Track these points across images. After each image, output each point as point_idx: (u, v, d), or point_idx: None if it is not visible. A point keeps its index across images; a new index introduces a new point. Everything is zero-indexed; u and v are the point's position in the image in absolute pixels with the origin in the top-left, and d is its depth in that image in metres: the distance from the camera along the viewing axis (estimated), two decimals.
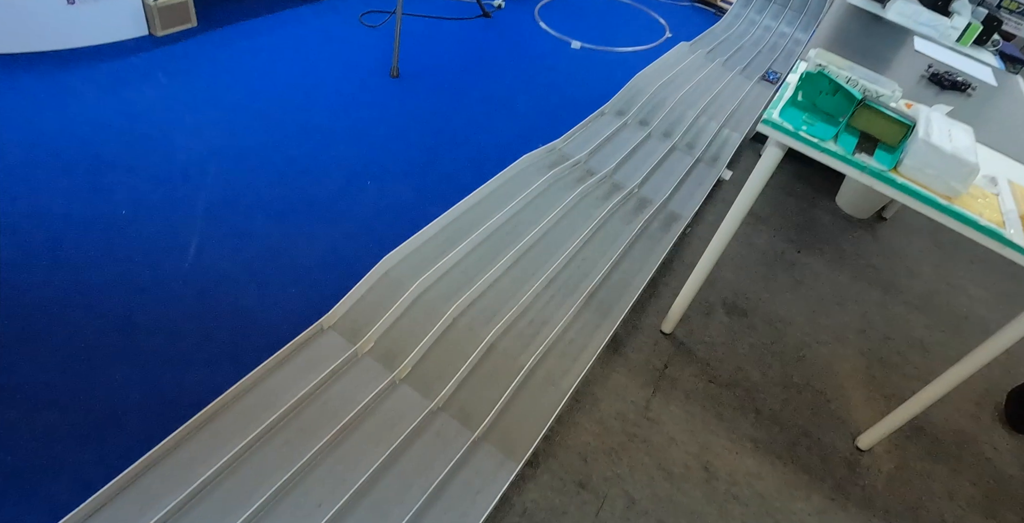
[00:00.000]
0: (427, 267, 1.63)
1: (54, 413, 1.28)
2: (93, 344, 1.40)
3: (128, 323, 1.46)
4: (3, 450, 1.22)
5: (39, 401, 1.30)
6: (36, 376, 1.33)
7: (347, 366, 1.42)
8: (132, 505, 1.16)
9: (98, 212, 1.70)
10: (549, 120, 2.57)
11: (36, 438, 1.24)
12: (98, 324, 1.44)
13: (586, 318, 1.68)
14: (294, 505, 1.21)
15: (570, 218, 1.96)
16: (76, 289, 1.50)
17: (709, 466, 1.57)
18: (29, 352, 1.37)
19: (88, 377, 1.35)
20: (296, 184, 1.94)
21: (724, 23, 3.82)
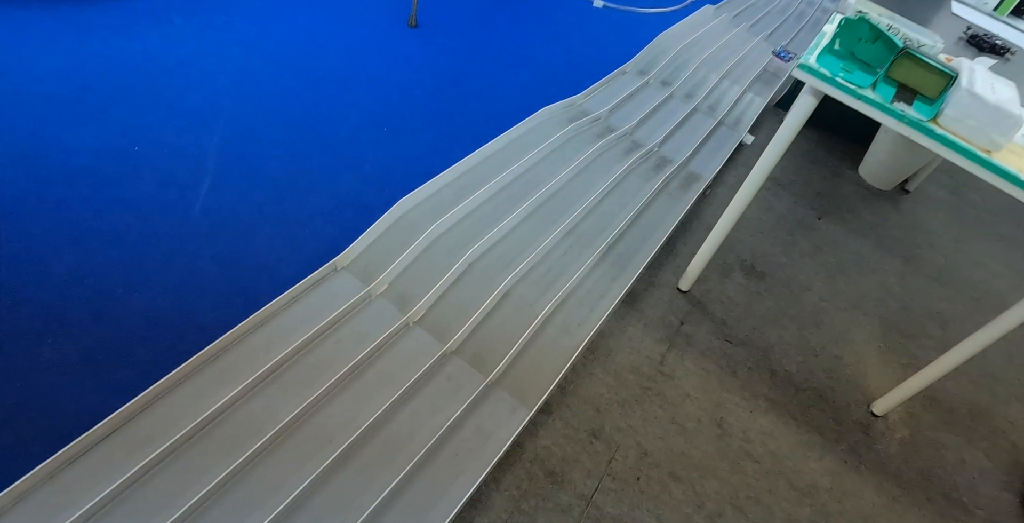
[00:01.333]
0: (443, 212, 1.58)
1: (63, 342, 1.26)
2: (103, 275, 1.37)
3: (139, 256, 1.42)
4: (8, 379, 1.20)
5: (46, 330, 1.27)
6: (45, 304, 1.31)
7: (360, 307, 1.39)
8: (141, 434, 1.14)
9: (111, 147, 1.65)
10: (569, 76, 2.49)
11: (42, 367, 1.22)
12: (108, 256, 1.41)
13: (603, 270, 1.64)
14: (305, 440, 1.19)
15: (589, 172, 1.90)
16: (88, 223, 1.46)
17: (723, 423, 1.55)
18: (37, 281, 1.34)
19: (98, 307, 1.32)
20: (310, 128, 1.89)
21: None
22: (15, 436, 1.12)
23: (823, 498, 1.50)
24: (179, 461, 1.12)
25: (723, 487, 1.42)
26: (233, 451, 1.14)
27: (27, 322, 1.27)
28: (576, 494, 1.30)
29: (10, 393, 1.17)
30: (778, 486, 1.48)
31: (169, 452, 1.11)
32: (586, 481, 1.33)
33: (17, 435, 1.12)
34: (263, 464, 1.15)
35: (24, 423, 1.14)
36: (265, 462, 1.15)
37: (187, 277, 1.41)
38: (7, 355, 1.22)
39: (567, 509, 1.27)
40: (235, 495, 1.10)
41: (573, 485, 1.31)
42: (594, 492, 1.31)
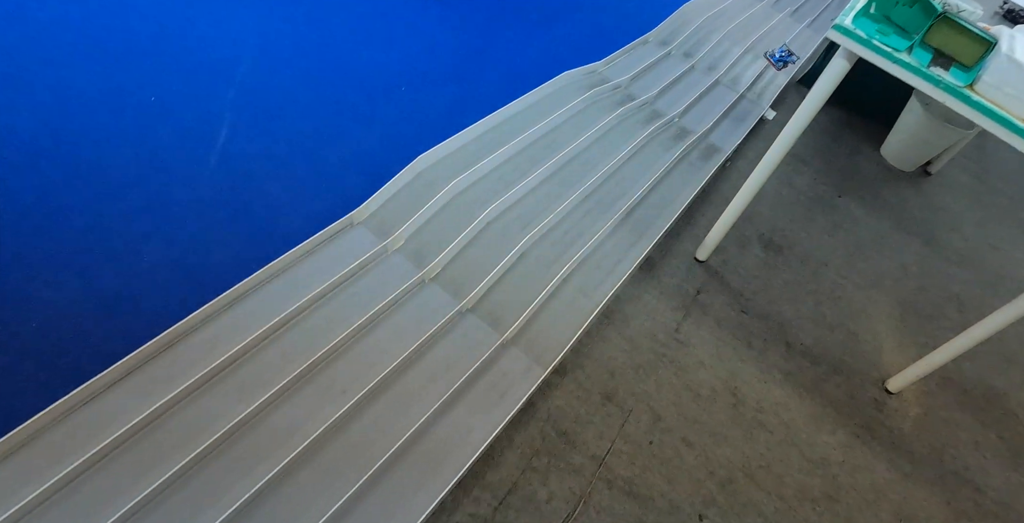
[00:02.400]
0: (462, 171, 1.55)
1: (78, 284, 1.25)
2: (120, 220, 1.35)
3: (154, 205, 1.40)
4: (24, 320, 1.19)
5: (63, 273, 1.26)
6: (62, 247, 1.29)
7: (376, 261, 1.37)
8: (158, 376, 1.13)
9: (127, 96, 1.62)
10: (590, 43, 2.43)
11: (58, 308, 1.21)
12: (125, 203, 1.39)
13: (621, 235, 1.62)
14: (318, 390, 1.18)
15: (609, 138, 1.86)
16: (104, 170, 1.44)
17: (737, 392, 1.53)
18: (54, 223, 1.32)
19: (113, 253, 1.30)
20: (328, 84, 1.85)
21: None
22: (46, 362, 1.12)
23: (834, 470, 1.49)
24: (198, 402, 1.11)
25: (735, 455, 1.41)
26: (246, 398, 1.13)
27: (40, 265, 1.25)
28: (588, 455, 1.29)
29: (22, 331, 1.17)
30: (790, 456, 1.47)
31: (185, 395, 1.10)
32: (599, 443, 1.32)
33: (43, 368, 1.12)
34: (278, 411, 1.14)
35: (37, 358, 1.14)
36: (281, 409, 1.14)
37: (202, 227, 1.38)
38: (19, 296, 1.21)
39: (579, 469, 1.27)
40: (258, 430, 1.10)
41: (586, 446, 1.30)
42: (606, 454, 1.30)
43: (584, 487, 1.24)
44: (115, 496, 0.98)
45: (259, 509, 1.03)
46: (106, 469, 1.01)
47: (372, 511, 1.07)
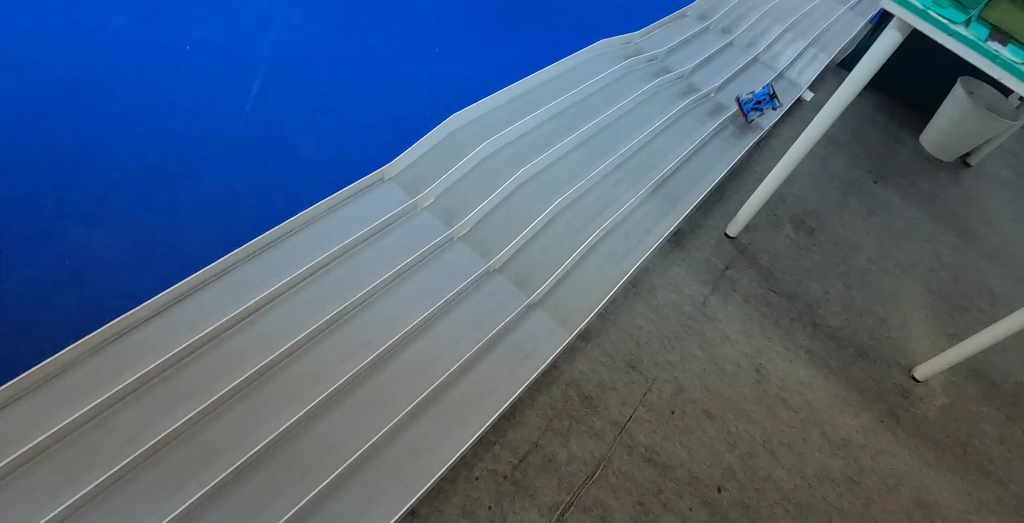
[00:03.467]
0: (494, 132, 1.52)
1: (111, 224, 1.25)
2: (155, 163, 1.35)
3: (187, 150, 1.39)
4: (60, 256, 1.20)
5: (98, 212, 1.26)
6: (97, 186, 1.29)
7: (405, 218, 1.35)
8: (187, 318, 1.13)
9: (162, 45, 1.61)
10: (628, 13, 2.36)
11: (91, 246, 1.21)
12: (160, 147, 1.38)
13: (652, 206, 1.58)
14: (344, 340, 1.17)
15: (643, 109, 1.82)
16: (136, 115, 1.43)
17: (761, 369, 1.51)
18: (91, 163, 1.32)
19: (147, 195, 1.30)
20: (362, 42, 1.82)
21: None
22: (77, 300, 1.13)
23: (856, 453, 1.47)
24: (225, 345, 1.11)
25: (757, 430, 1.40)
26: (273, 342, 1.13)
27: (76, 203, 1.26)
28: (610, 421, 1.28)
29: (56, 268, 1.18)
30: (812, 436, 1.45)
31: (212, 337, 1.10)
32: (621, 409, 1.30)
33: (76, 302, 1.13)
34: (303, 359, 1.14)
35: (71, 293, 1.14)
36: (305, 357, 1.14)
37: (234, 174, 1.38)
38: (54, 233, 1.22)
39: (600, 434, 1.26)
40: (282, 376, 1.10)
41: (608, 411, 1.29)
42: (628, 421, 1.29)
43: (604, 452, 1.23)
44: (147, 428, 0.99)
45: (285, 449, 1.03)
46: (137, 401, 1.02)
47: (393, 461, 1.07)
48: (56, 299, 1.14)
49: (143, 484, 0.96)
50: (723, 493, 1.28)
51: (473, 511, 1.08)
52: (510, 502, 1.11)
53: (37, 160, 1.31)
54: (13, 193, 1.25)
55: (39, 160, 1.31)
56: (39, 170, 1.30)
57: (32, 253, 1.19)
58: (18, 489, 0.93)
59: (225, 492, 0.98)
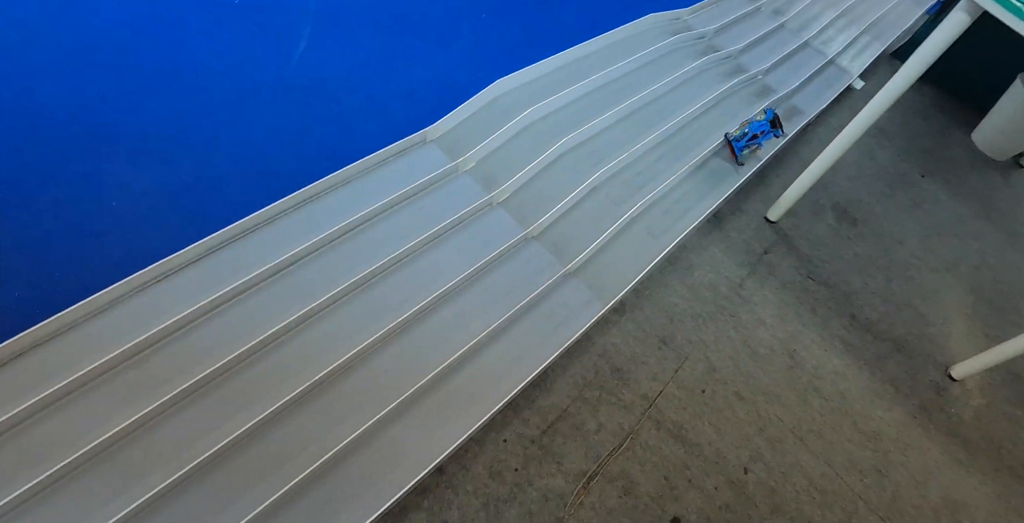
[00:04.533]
0: (538, 100, 1.50)
1: (159, 169, 1.26)
2: (201, 112, 1.36)
3: (233, 101, 1.39)
4: (105, 199, 1.22)
5: (141, 161, 1.28)
6: (140, 139, 1.31)
7: (445, 180, 1.34)
8: (225, 266, 1.14)
9: None
10: None
11: (137, 190, 1.23)
12: (204, 101, 1.39)
13: (694, 184, 1.55)
14: (381, 297, 1.17)
15: (689, 87, 1.77)
16: (184, 66, 1.44)
17: (795, 355, 1.48)
18: (135, 114, 1.33)
19: (191, 146, 1.31)
20: (409, 6, 1.80)
21: None
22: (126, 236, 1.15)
23: (886, 446, 1.43)
24: (254, 298, 1.12)
25: (787, 415, 1.37)
26: (301, 300, 1.13)
27: (125, 147, 1.27)
28: (640, 394, 1.27)
29: (102, 209, 1.19)
30: (843, 426, 1.42)
31: (248, 286, 1.11)
32: (651, 384, 1.29)
33: (120, 244, 1.15)
34: (337, 313, 1.14)
35: (116, 235, 1.16)
36: (340, 312, 1.14)
37: (278, 127, 1.38)
38: (102, 176, 1.23)
39: (629, 406, 1.24)
40: (314, 332, 1.11)
41: (638, 385, 1.28)
42: (658, 396, 1.28)
43: (633, 424, 1.22)
44: (193, 365, 1.01)
45: (319, 399, 1.04)
46: (182, 340, 1.04)
47: (422, 419, 1.07)
48: (101, 240, 1.16)
49: (193, 412, 0.99)
50: (749, 475, 1.26)
51: (500, 472, 1.09)
52: (537, 466, 1.11)
53: (88, 104, 1.32)
54: (64, 133, 1.27)
55: (90, 103, 1.32)
56: (90, 113, 1.31)
57: (81, 193, 1.21)
58: (41, 431, 0.95)
59: (283, 418, 1.00)
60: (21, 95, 1.30)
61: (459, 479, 1.06)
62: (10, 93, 1.30)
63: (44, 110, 1.29)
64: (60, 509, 0.89)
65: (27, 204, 1.18)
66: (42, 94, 1.31)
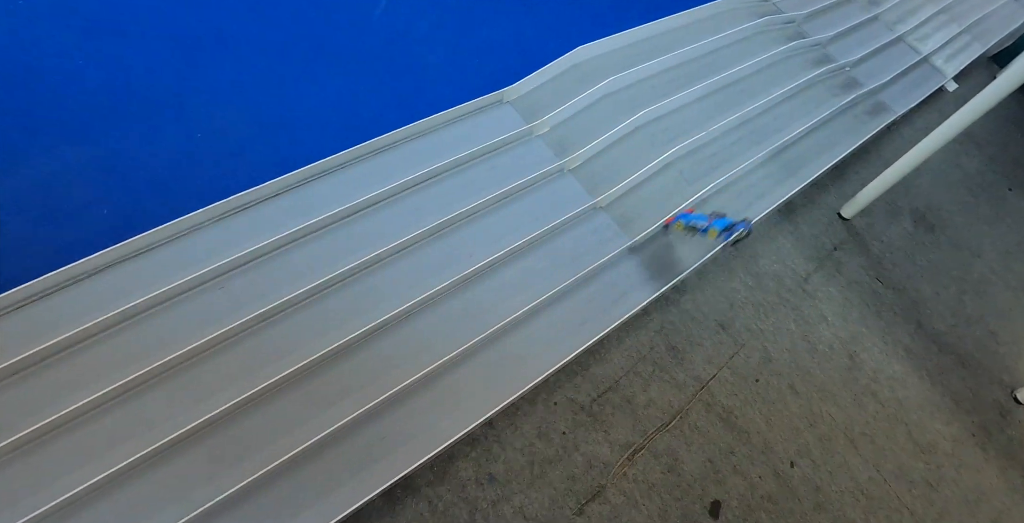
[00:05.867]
0: (619, 70, 1.46)
1: (239, 109, 1.29)
2: (284, 56, 1.38)
3: (317, 49, 1.41)
4: (191, 131, 1.25)
5: (225, 99, 1.31)
6: (227, 77, 1.34)
7: (518, 142, 1.33)
8: (298, 206, 1.16)
9: None
10: None
11: (217, 129, 1.26)
12: (289, 45, 1.40)
13: (769, 171, 1.50)
14: (448, 249, 1.18)
15: (773, 72, 1.70)
16: (280, 14, 1.46)
17: (855, 356, 1.43)
18: (222, 53, 1.36)
19: (273, 87, 1.33)
20: None
21: None
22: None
23: (940, 460, 1.38)
24: (325, 237, 1.14)
25: (840, 415, 1.33)
26: (374, 241, 1.14)
27: (211, 87, 1.30)
28: (693, 375, 1.25)
29: (188, 142, 1.23)
30: (896, 433, 1.37)
31: (318, 227, 1.13)
32: (705, 366, 1.26)
33: (204, 175, 1.19)
34: (404, 260, 1.15)
35: (199, 166, 1.20)
36: (407, 259, 1.15)
37: (359, 77, 1.39)
38: (190, 113, 1.27)
39: (681, 385, 1.23)
40: (381, 276, 1.12)
41: (692, 365, 1.25)
42: (711, 379, 1.25)
43: (683, 403, 1.20)
44: (267, 293, 1.05)
45: (382, 341, 1.06)
46: (257, 269, 1.07)
47: (477, 373, 1.07)
48: (189, 167, 1.19)
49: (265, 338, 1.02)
50: (795, 468, 1.23)
51: (547, 434, 1.09)
52: (584, 432, 1.11)
53: (179, 41, 1.36)
54: (152, 68, 1.31)
55: (181, 41, 1.36)
56: (180, 51, 1.35)
57: (171, 124, 1.25)
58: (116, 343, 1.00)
59: (349, 354, 1.03)
60: (119, 33, 1.35)
61: (507, 435, 1.07)
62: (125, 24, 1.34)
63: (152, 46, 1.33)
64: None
65: (127, 134, 1.23)
66: (149, 34, 1.35)
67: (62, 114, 1.23)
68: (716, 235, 1.22)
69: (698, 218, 1.26)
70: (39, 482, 0.87)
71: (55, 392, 0.93)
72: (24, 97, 1.23)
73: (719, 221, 1.22)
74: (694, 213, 1.30)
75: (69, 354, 0.97)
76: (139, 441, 0.92)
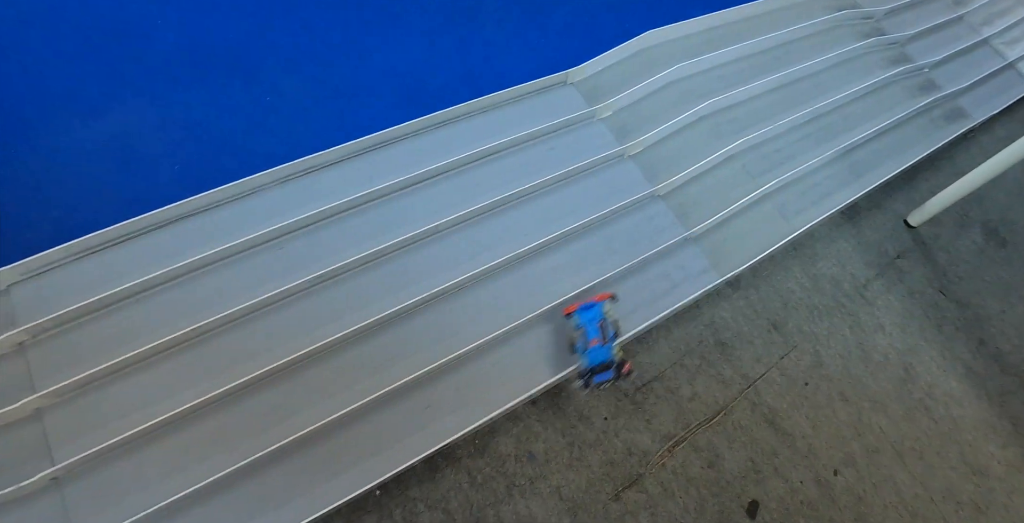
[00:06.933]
0: (687, 58, 1.42)
1: (306, 75, 1.31)
2: (356, 27, 1.40)
3: (383, 19, 1.43)
4: (259, 94, 1.28)
5: (292, 64, 1.33)
6: (297, 46, 1.36)
7: (579, 124, 1.31)
8: (363, 173, 1.18)
9: None
10: None
11: (282, 93, 1.29)
12: (359, 14, 1.43)
13: (836, 170, 1.44)
14: (504, 226, 1.17)
15: (847, 68, 1.63)
16: None
17: (910, 369, 1.37)
18: (296, 23, 1.39)
19: (345, 56, 1.36)
20: None
21: None
22: None
23: (992, 484, 1.31)
24: (382, 207, 1.16)
25: (890, 428, 1.28)
26: (435, 210, 1.15)
27: (278, 56, 1.33)
28: (740, 373, 1.22)
29: (262, 103, 1.26)
30: (948, 452, 1.31)
31: (377, 196, 1.15)
32: (754, 365, 1.23)
33: (272, 138, 1.22)
34: (460, 234, 1.15)
35: (269, 128, 1.23)
36: (464, 232, 1.16)
37: (425, 50, 1.40)
38: (261, 75, 1.30)
39: (728, 382, 1.20)
40: (437, 247, 1.14)
41: (740, 363, 1.22)
42: (759, 378, 1.22)
43: (728, 400, 1.17)
44: (320, 258, 1.07)
45: (439, 309, 1.08)
46: (316, 233, 1.10)
47: (526, 351, 1.07)
48: (257, 129, 1.22)
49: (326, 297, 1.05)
50: (838, 477, 1.19)
51: (589, 417, 1.08)
52: (626, 419, 1.09)
53: (255, 4, 1.38)
54: (228, 31, 1.34)
55: (257, 4, 1.38)
56: (255, 15, 1.38)
57: (242, 86, 1.28)
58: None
59: (398, 322, 1.05)
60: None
61: (549, 415, 1.07)
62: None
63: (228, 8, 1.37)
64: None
65: (199, 95, 1.26)
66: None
67: (140, 71, 1.27)
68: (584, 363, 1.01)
69: (592, 329, 1.02)
70: (122, 409, 0.92)
71: (120, 336, 0.98)
72: (106, 55, 1.28)
73: (600, 352, 0.99)
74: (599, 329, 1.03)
75: (134, 301, 1.01)
76: (195, 390, 0.95)
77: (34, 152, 1.16)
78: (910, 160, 1.56)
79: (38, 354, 0.95)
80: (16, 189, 1.13)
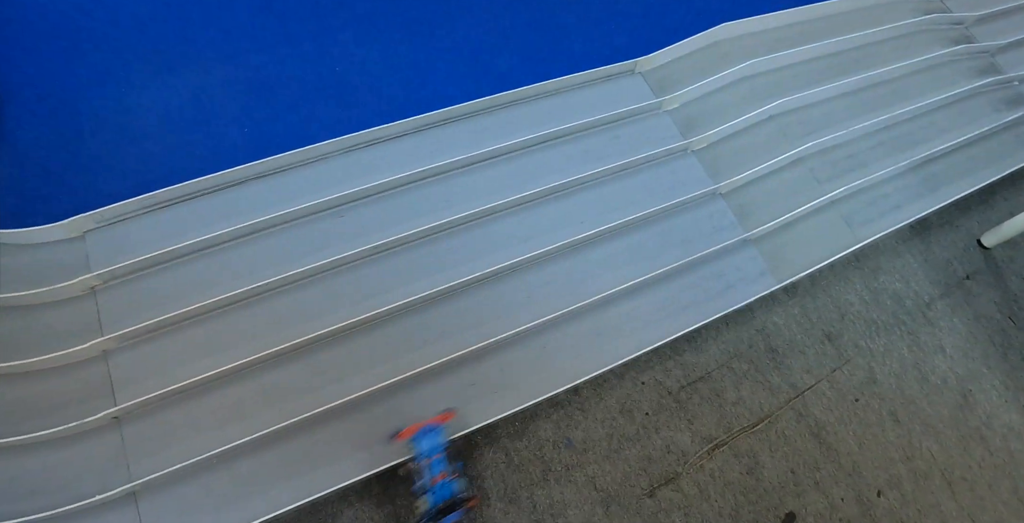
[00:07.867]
0: (761, 54, 1.37)
1: (378, 50, 1.32)
2: (428, 6, 1.41)
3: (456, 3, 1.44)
4: (331, 67, 1.30)
5: (367, 37, 1.34)
6: (370, 18, 1.37)
7: (644, 115, 1.29)
8: (426, 148, 1.18)
9: None
10: None
11: (357, 64, 1.30)
12: None
13: (908, 182, 1.37)
14: (562, 212, 1.16)
15: (930, 76, 1.55)
16: None
17: (969, 395, 1.30)
18: None
19: (417, 32, 1.36)
20: None
21: None
22: None
23: None
24: (443, 183, 1.17)
25: (942, 454, 1.22)
26: (492, 191, 1.14)
27: (351, 33, 1.34)
28: (789, 382, 1.18)
29: (330, 74, 1.27)
30: (1001, 485, 1.24)
31: (443, 171, 1.16)
32: (803, 375, 1.19)
33: (344, 108, 1.24)
34: (515, 217, 1.15)
35: (344, 101, 1.24)
36: (518, 217, 1.15)
37: (494, 32, 1.39)
38: (333, 45, 1.31)
39: (775, 390, 1.16)
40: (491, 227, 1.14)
41: (789, 372, 1.19)
42: (807, 389, 1.18)
43: (774, 408, 1.14)
44: (381, 228, 1.09)
45: (489, 289, 1.08)
46: (375, 204, 1.11)
47: (575, 339, 1.06)
48: (326, 98, 1.24)
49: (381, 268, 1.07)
50: (881, 498, 1.15)
51: (631, 411, 1.07)
52: (667, 417, 1.08)
53: None
54: None
55: None
56: None
57: (314, 56, 1.30)
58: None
59: (451, 298, 1.06)
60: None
61: (591, 405, 1.06)
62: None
63: None
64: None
65: (273, 60, 1.29)
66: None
67: (219, 34, 1.31)
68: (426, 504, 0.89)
69: (435, 462, 0.90)
70: (184, 358, 0.96)
71: (186, 288, 1.01)
72: (188, 14, 1.32)
73: (446, 488, 0.88)
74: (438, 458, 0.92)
75: (201, 255, 1.04)
76: (253, 345, 0.98)
77: (117, 108, 1.21)
78: (990, 177, 1.47)
79: (108, 299, 0.99)
80: (96, 142, 1.18)
